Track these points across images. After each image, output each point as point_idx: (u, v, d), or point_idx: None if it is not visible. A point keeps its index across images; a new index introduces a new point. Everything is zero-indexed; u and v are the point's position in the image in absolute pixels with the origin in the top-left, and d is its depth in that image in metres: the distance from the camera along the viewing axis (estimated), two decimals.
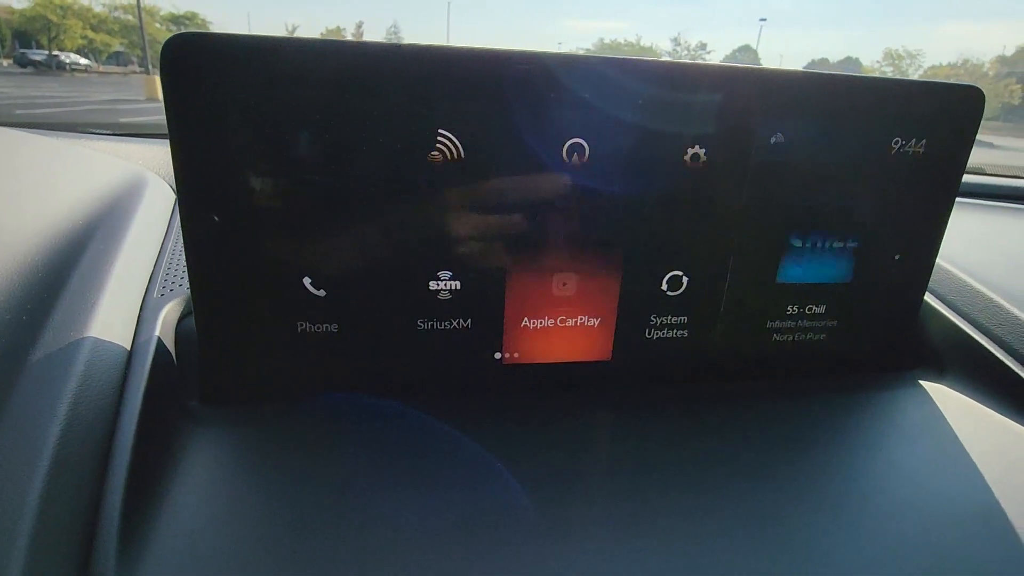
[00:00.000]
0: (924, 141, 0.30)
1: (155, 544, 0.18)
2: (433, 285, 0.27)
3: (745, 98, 0.27)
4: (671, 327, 0.31)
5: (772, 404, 0.30)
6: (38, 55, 19.96)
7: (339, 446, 0.24)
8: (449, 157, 0.26)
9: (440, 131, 0.25)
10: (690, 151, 0.28)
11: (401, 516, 0.21)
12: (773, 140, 0.29)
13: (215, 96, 0.22)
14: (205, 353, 0.26)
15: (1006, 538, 0.21)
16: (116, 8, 24.62)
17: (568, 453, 0.25)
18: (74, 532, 0.17)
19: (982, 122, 0.31)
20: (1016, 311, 0.32)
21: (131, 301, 0.28)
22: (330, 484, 0.22)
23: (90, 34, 22.84)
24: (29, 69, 18.64)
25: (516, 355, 0.29)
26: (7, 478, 0.17)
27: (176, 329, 0.29)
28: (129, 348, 0.25)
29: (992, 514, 0.22)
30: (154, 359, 0.24)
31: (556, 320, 0.29)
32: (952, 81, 0.30)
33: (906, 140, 0.30)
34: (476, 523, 0.21)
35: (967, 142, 0.30)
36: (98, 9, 24.01)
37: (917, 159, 0.30)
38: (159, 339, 0.26)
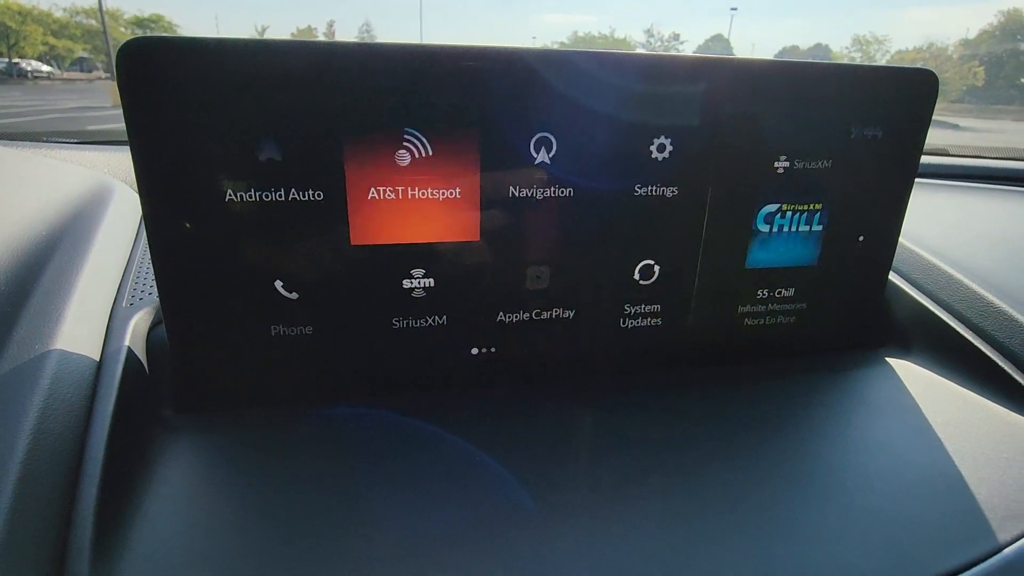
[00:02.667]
0: (882, 125, 0.31)
1: (128, 554, 0.18)
2: (407, 283, 0.27)
3: (708, 88, 0.28)
4: (645, 316, 0.31)
5: (745, 387, 0.31)
6: None
7: (315, 451, 0.24)
8: (417, 155, 0.26)
9: (407, 129, 0.25)
10: (656, 142, 0.28)
11: (378, 518, 0.21)
12: (736, 128, 0.29)
13: (174, 100, 0.22)
14: (177, 361, 0.26)
15: (966, 503, 0.22)
16: (78, 13, 23.92)
17: (548, 444, 0.26)
18: (45, 546, 0.17)
19: (948, 104, 0.32)
20: (975, 286, 0.33)
21: (99, 311, 0.28)
22: (306, 489, 0.22)
23: (51, 40, 22.16)
24: None
25: (492, 349, 0.30)
26: None
27: (147, 338, 0.28)
28: (98, 359, 0.25)
29: (953, 481, 0.23)
30: (124, 369, 0.24)
31: (531, 313, 0.30)
32: (917, 65, 0.31)
33: (864, 124, 0.30)
34: (460, 523, 0.21)
35: (923, 124, 0.31)
36: (59, 14, 23.31)
37: (876, 142, 0.31)
38: (129, 349, 0.26)
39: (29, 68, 19.48)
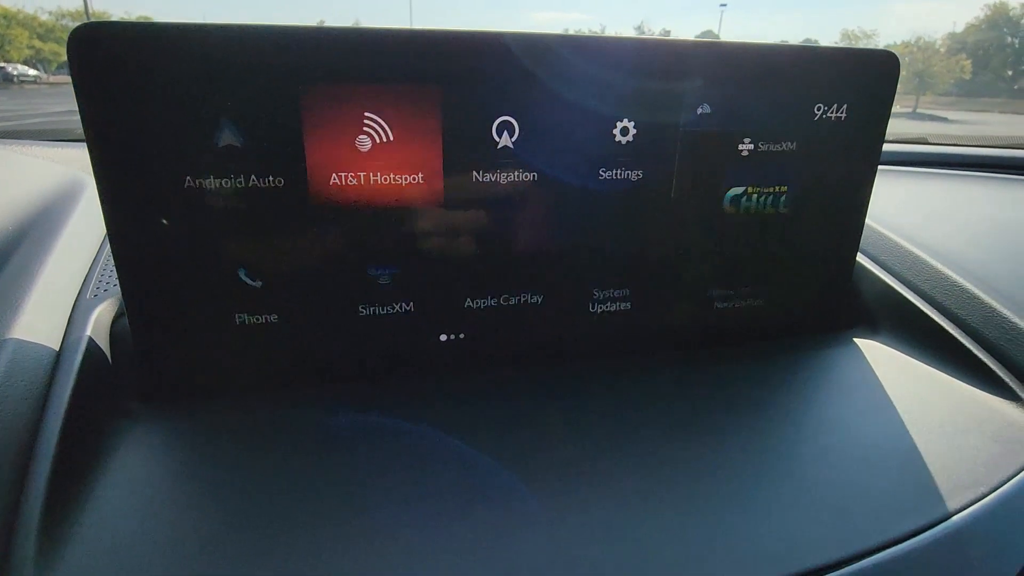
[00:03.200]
0: (845, 106, 0.31)
1: (77, 537, 0.18)
2: (372, 270, 0.27)
3: (671, 71, 0.28)
4: (614, 300, 0.31)
5: (713, 369, 0.31)
6: None
7: (278, 439, 0.24)
8: (378, 140, 0.26)
9: (367, 114, 0.25)
10: (619, 125, 0.28)
11: (337, 507, 0.21)
12: (700, 111, 0.29)
13: (128, 86, 0.22)
14: (139, 350, 0.25)
15: (918, 474, 0.22)
16: (64, 16, 23.69)
17: (515, 429, 0.26)
18: None
19: (936, 97, 0.32)
20: (940, 266, 0.34)
21: (61, 303, 0.27)
22: (266, 477, 0.22)
23: (37, 43, 21.94)
24: None
25: (461, 336, 0.30)
26: None
27: (111, 329, 0.28)
28: (57, 349, 0.24)
29: (908, 453, 0.23)
30: (83, 359, 0.24)
31: (499, 299, 0.30)
32: (906, 59, 0.31)
33: (828, 106, 0.31)
34: (421, 509, 0.21)
35: (886, 104, 0.32)
36: (44, 17, 23.08)
37: (840, 123, 0.31)
38: (90, 339, 0.25)
39: (15, 72, 19.26)
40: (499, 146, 0.27)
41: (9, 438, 0.19)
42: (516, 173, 0.28)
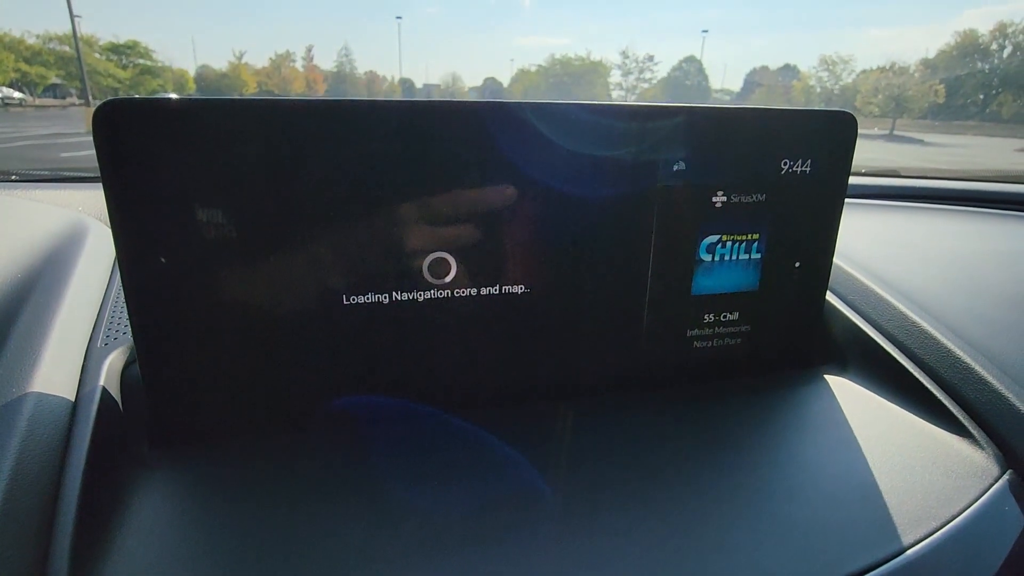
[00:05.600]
0: (809, 161, 0.34)
1: None
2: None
3: (648, 133, 0.30)
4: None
5: (690, 407, 0.33)
6: None
7: (292, 481, 0.26)
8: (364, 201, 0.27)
9: (360, 181, 0.27)
10: (597, 172, 0.30)
11: (354, 548, 0.22)
12: (675, 167, 0.32)
13: (146, 156, 0.24)
14: (152, 399, 0.27)
15: (877, 509, 0.24)
16: (51, 39, 23.71)
17: (493, 466, 0.27)
18: None
19: (913, 121, 0.35)
20: (902, 306, 0.36)
21: (74, 352, 0.29)
22: (282, 518, 0.23)
23: (23, 67, 21.93)
24: None
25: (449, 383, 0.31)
26: None
27: (121, 377, 0.29)
28: (73, 400, 0.26)
29: (869, 489, 0.25)
30: (99, 409, 0.25)
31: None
32: (882, 83, 0.34)
33: (793, 161, 0.33)
34: (436, 550, 0.22)
35: (847, 160, 0.34)
36: (31, 41, 23.09)
37: (805, 177, 0.34)
38: (104, 389, 0.27)
39: (0, 95, 19.21)
40: (492, 197, 0.29)
41: (35, 490, 0.21)
42: (506, 223, 0.30)
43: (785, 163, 0.33)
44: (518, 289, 0.31)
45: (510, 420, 0.31)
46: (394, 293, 0.29)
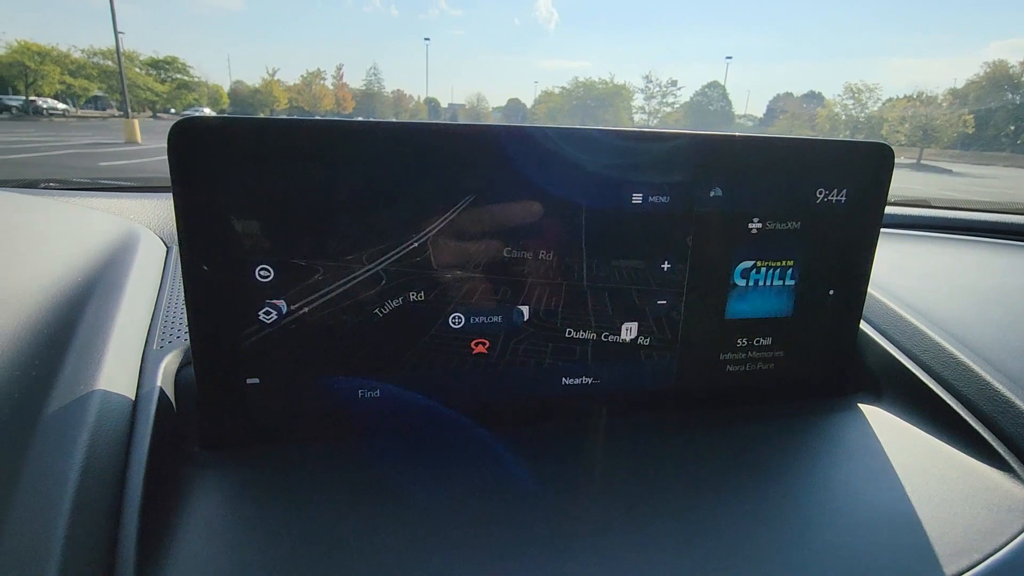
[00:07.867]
0: (844, 191, 0.34)
1: (170, 573, 0.20)
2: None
3: (685, 158, 0.31)
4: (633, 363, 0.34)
5: (726, 431, 0.33)
6: (14, 100, 19.93)
7: (335, 485, 0.26)
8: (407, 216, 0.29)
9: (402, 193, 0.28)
10: (635, 196, 0.31)
11: (400, 551, 0.23)
12: (712, 194, 0.33)
13: (216, 171, 0.25)
14: (205, 401, 0.28)
15: (918, 539, 0.24)
16: (95, 54, 24.78)
17: (527, 487, 0.28)
18: (95, 567, 0.19)
19: (941, 150, 0.35)
20: (937, 337, 0.36)
21: (132, 353, 0.30)
22: (326, 521, 0.24)
23: (68, 79, 22.91)
24: (5, 115, 18.58)
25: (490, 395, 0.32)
26: (33, 521, 0.19)
27: (175, 379, 0.31)
28: (133, 398, 0.27)
29: (909, 520, 0.25)
30: (157, 408, 0.27)
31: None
32: (909, 112, 0.34)
33: (828, 190, 0.34)
34: (480, 552, 0.23)
35: (883, 190, 0.35)
36: (76, 55, 24.14)
37: (840, 206, 0.34)
38: (161, 389, 0.28)
39: (45, 105, 20.05)
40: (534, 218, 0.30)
41: (103, 481, 0.22)
42: (545, 241, 0.31)
43: (821, 192, 0.34)
44: (555, 306, 0.32)
45: (547, 437, 0.31)
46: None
